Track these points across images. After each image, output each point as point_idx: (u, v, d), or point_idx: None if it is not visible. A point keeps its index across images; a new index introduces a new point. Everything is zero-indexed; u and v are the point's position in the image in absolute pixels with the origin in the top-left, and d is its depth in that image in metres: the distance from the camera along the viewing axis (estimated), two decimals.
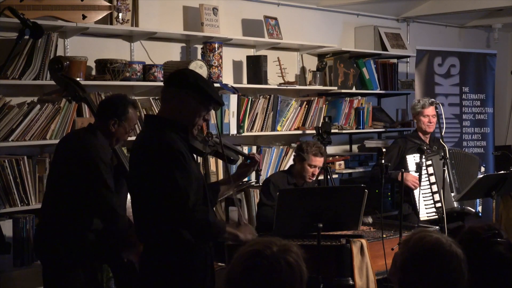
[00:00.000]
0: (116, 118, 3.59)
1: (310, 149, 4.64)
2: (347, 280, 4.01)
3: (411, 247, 2.15)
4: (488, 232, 2.45)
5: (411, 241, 2.17)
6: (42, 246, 3.62)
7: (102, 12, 4.63)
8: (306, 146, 4.67)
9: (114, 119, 3.58)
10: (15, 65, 4.20)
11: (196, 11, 5.32)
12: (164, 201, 2.79)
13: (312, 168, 4.66)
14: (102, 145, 3.57)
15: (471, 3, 6.72)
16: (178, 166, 2.78)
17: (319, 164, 4.68)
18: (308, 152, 4.63)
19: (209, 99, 2.92)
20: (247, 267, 1.87)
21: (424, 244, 2.13)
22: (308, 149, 4.65)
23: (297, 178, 4.75)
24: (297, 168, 4.74)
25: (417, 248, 2.13)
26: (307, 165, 4.65)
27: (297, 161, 4.74)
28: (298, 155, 4.72)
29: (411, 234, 2.23)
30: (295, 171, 4.77)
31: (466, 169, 5.41)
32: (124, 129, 3.63)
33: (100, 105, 3.73)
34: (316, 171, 4.71)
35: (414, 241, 2.16)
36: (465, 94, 6.64)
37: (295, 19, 6.26)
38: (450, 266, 2.10)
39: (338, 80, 6.18)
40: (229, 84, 5.34)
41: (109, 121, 3.59)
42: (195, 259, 2.88)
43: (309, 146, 4.67)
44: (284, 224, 3.81)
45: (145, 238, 2.92)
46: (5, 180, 4.15)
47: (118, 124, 3.60)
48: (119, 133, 3.62)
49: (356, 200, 3.85)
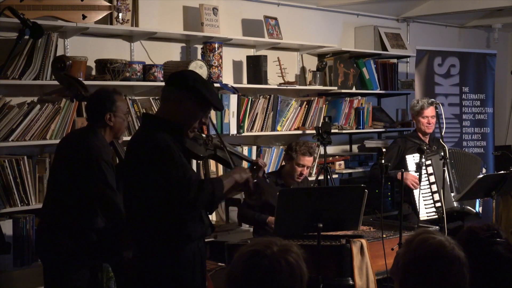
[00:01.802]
0: (109, 111, 3.61)
1: (299, 148, 4.66)
2: (347, 280, 4.01)
3: (414, 248, 2.14)
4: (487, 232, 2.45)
5: (414, 242, 2.16)
6: (43, 245, 3.62)
7: (102, 12, 4.63)
8: (296, 146, 4.70)
9: (107, 113, 3.60)
10: (15, 65, 4.20)
11: (196, 11, 5.32)
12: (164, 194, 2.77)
13: (300, 167, 4.67)
14: (103, 144, 3.59)
15: (471, 3, 6.72)
16: (166, 161, 2.77)
17: (307, 163, 4.69)
18: (297, 151, 4.65)
19: (207, 103, 2.90)
20: (248, 267, 1.88)
21: (427, 247, 2.12)
22: (297, 148, 4.67)
23: (286, 178, 4.76)
24: (286, 168, 4.77)
25: (420, 250, 2.12)
26: (295, 164, 4.67)
27: (286, 160, 4.77)
28: (287, 154, 4.75)
29: (415, 235, 2.22)
30: (284, 171, 4.79)
31: (466, 168, 5.41)
32: (121, 118, 3.66)
33: (88, 107, 3.73)
34: (305, 170, 4.71)
35: (417, 242, 2.15)
36: (465, 94, 6.64)
37: (295, 19, 6.26)
38: (452, 270, 2.09)
39: (338, 80, 6.19)
40: (229, 84, 5.34)
41: (104, 117, 3.60)
42: (182, 259, 2.86)
43: (298, 146, 4.69)
44: (284, 224, 3.81)
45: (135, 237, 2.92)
46: (5, 180, 4.15)
47: (114, 116, 3.63)
48: (118, 124, 3.66)
49: (356, 200, 3.85)
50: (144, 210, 2.84)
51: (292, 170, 4.70)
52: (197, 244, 2.95)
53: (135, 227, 2.89)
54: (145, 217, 2.84)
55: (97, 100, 3.67)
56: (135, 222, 2.89)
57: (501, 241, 2.45)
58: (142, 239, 2.86)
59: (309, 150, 4.68)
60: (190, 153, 2.99)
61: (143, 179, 2.81)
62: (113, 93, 3.69)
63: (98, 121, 3.63)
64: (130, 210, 2.93)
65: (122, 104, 3.69)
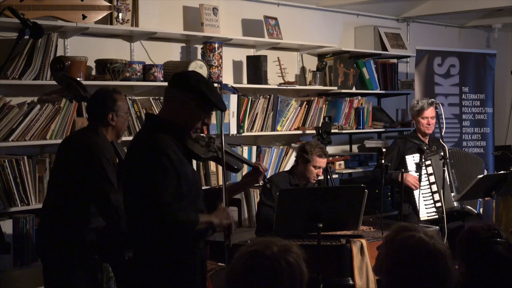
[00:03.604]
0: (111, 111, 3.62)
1: (314, 150, 4.63)
2: (347, 280, 4.01)
3: (396, 250, 2.13)
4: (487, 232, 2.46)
5: (395, 244, 2.15)
6: (43, 245, 3.62)
7: (102, 12, 4.63)
8: (310, 148, 4.65)
9: (110, 113, 3.61)
10: (15, 65, 4.20)
11: (196, 11, 5.32)
12: (138, 200, 2.77)
13: (316, 169, 4.65)
14: (105, 143, 3.59)
15: (471, 3, 6.72)
16: (157, 169, 2.74)
17: (323, 165, 4.68)
18: (312, 153, 4.62)
19: (210, 104, 2.89)
20: (248, 267, 1.88)
21: (408, 248, 2.11)
22: (312, 150, 4.63)
23: (299, 179, 4.74)
24: (300, 169, 4.72)
25: (402, 252, 2.12)
26: (312, 167, 4.63)
27: (300, 162, 4.70)
28: (301, 156, 4.69)
29: (393, 234, 2.20)
30: (297, 172, 4.75)
31: (466, 168, 5.41)
32: (123, 117, 3.68)
33: (89, 107, 3.73)
34: (320, 172, 4.70)
35: (398, 244, 2.14)
36: (465, 94, 6.64)
37: (295, 19, 6.26)
38: (437, 264, 2.09)
39: (338, 80, 6.19)
40: (229, 84, 5.34)
41: (107, 117, 3.61)
42: (182, 260, 2.85)
43: (312, 147, 4.65)
44: (284, 224, 3.81)
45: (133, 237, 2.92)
46: (5, 180, 4.15)
47: (116, 115, 3.64)
48: (120, 123, 3.67)
49: (356, 200, 3.85)
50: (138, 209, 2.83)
51: (307, 172, 4.65)
52: (197, 244, 2.94)
53: (135, 227, 2.89)
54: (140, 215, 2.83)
55: (98, 100, 3.67)
56: (134, 222, 2.88)
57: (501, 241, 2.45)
58: (142, 239, 2.86)
59: (323, 151, 4.67)
60: (191, 153, 2.98)
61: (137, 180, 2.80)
62: (114, 92, 3.69)
63: (99, 121, 3.63)
64: (129, 210, 2.92)
65: (123, 103, 3.70)
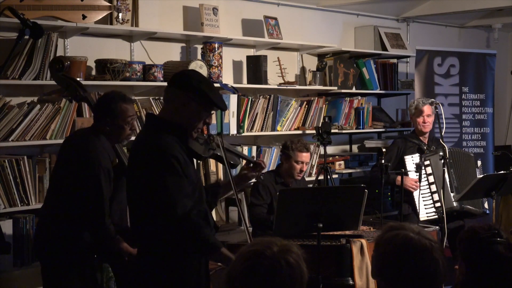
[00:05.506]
0: (108, 117, 3.58)
1: (295, 146, 4.70)
2: (347, 280, 4.02)
3: (383, 252, 2.15)
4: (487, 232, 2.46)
5: (381, 245, 2.17)
6: (41, 245, 3.62)
7: (102, 12, 4.63)
8: (291, 144, 4.73)
9: (106, 119, 3.58)
10: (15, 65, 4.20)
11: (196, 11, 5.32)
12: (152, 206, 2.77)
13: (299, 165, 4.70)
14: (104, 147, 3.57)
15: (471, 3, 6.73)
16: (169, 171, 2.74)
17: (305, 159, 4.72)
18: (293, 149, 4.68)
19: (211, 104, 2.88)
20: (248, 267, 1.88)
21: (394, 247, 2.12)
22: (293, 146, 4.71)
23: (285, 177, 4.79)
24: (285, 167, 4.79)
25: (389, 253, 2.13)
26: (294, 162, 4.70)
27: (284, 159, 4.79)
28: (283, 153, 4.77)
29: (381, 235, 2.21)
30: (282, 170, 4.81)
31: (465, 167, 5.41)
32: (118, 125, 3.60)
33: (94, 108, 3.73)
34: (304, 167, 4.74)
35: (383, 244, 2.16)
36: (465, 94, 6.64)
37: (295, 19, 6.26)
38: (424, 259, 2.10)
39: (338, 80, 6.19)
40: (229, 84, 5.34)
41: (103, 121, 3.59)
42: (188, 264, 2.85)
43: (293, 143, 4.73)
44: (284, 224, 3.81)
45: (138, 240, 2.92)
46: (5, 180, 4.15)
47: (112, 121, 3.58)
48: (117, 130, 3.61)
49: (356, 200, 3.85)
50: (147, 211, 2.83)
51: (291, 168, 4.73)
52: None
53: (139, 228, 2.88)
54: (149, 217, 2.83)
55: (101, 102, 3.66)
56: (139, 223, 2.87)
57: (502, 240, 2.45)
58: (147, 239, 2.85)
59: (305, 146, 4.73)
60: (192, 152, 2.98)
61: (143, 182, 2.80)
62: (119, 98, 3.62)
63: (99, 123, 3.63)
64: (133, 211, 2.92)
65: (124, 111, 3.62)
